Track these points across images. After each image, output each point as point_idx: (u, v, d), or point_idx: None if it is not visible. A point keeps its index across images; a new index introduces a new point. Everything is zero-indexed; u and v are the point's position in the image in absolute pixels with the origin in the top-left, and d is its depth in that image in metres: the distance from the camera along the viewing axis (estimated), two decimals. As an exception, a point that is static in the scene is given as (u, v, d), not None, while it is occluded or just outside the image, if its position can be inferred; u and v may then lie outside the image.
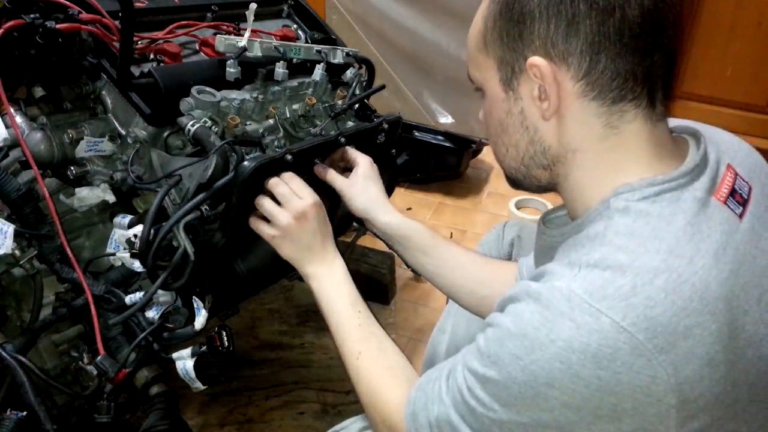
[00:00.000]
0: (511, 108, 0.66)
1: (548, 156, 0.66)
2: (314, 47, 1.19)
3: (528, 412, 0.57)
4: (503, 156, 0.71)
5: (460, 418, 0.63)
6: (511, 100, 0.66)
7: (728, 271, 0.58)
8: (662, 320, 0.53)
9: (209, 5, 1.20)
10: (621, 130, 0.62)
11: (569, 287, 0.56)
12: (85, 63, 0.99)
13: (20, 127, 0.97)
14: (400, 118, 1.18)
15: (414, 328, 1.76)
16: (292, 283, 1.84)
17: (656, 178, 0.61)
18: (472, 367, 0.62)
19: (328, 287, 0.87)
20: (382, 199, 0.99)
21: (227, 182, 0.88)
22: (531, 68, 0.62)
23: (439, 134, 2.63)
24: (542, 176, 0.69)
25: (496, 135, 0.70)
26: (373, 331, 0.84)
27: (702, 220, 0.59)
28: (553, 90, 0.62)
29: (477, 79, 0.70)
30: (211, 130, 0.94)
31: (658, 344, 0.53)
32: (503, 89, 0.66)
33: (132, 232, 0.92)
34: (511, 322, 0.58)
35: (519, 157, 0.69)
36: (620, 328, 0.53)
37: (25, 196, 0.93)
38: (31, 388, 0.87)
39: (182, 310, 0.98)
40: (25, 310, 1.03)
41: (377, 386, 0.78)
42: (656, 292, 0.54)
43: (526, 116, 0.65)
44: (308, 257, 0.89)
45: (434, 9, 2.73)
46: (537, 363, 0.55)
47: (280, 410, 1.45)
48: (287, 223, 0.87)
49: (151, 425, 0.98)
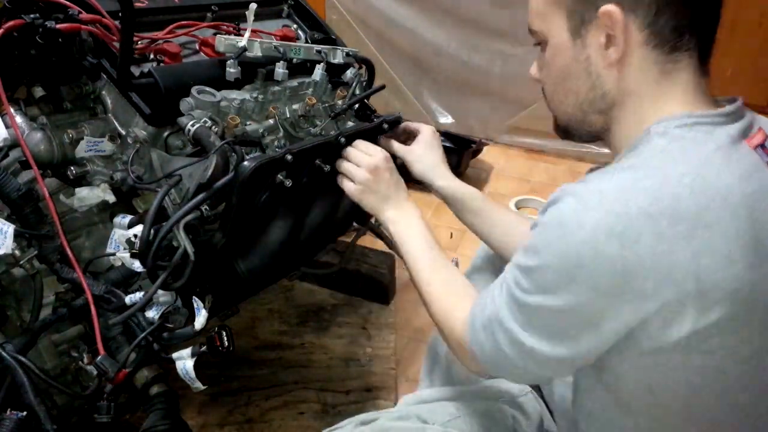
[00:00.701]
0: (578, 55, 0.72)
1: (606, 101, 0.72)
2: (314, 47, 1.19)
3: (563, 296, 0.63)
4: (560, 103, 0.77)
5: (508, 312, 0.69)
6: (578, 47, 0.72)
7: (752, 191, 0.62)
8: (685, 212, 0.59)
9: (209, 5, 1.20)
10: (673, 77, 0.69)
11: (604, 186, 0.62)
12: (85, 63, 0.99)
13: (20, 127, 0.97)
14: (400, 118, 1.18)
15: (414, 328, 1.76)
16: (292, 283, 1.85)
17: (695, 112, 0.68)
18: (518, 262, 0.69)
19: (405, 228, 0.98)
20: (440, 164, 1.11)
21: (227, 182, 0.88)
22: (603, 16, 0.68)
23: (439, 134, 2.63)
24: (596, 121, 0.75)
25: (557, 83, 0.77)
26: (444, 264, 0.93)
27: (732, 151, 0.64)
28: (621, 37, 0.68)
29: (541, 31, 0.76)
30: (211, 130, 0.94)
31: (680, 231, 0.58)
32: (571, 38, 0.72)
33: (132, 232, 0.92)
34: (549, 216, 0.65)
35: (578, 102, 0.75)
36: (646, 213, 0.58)
37: (25, 196, 0.93)
38: (31, 388, 0.87)
39: (182, 310, 0.98)
40: (25, 310, 1.03)
41: (448, 307, 0.86)
42: (682, 189, 0.60)
43: (591, 63, 0.71)
44: (386, 205, 1.01)
45: (434, 9, 2.73)
46: (568, 246, 0.61)
47: (280, 410, 1.44)
48: (365, 177, 0.99)
49: (151, 425, 0.98)
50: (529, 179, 2.66)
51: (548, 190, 2.53)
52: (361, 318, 1.76)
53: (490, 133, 2.89)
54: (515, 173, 2.70)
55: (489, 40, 2.69)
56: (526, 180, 2.65)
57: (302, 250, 1.09)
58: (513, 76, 2.70)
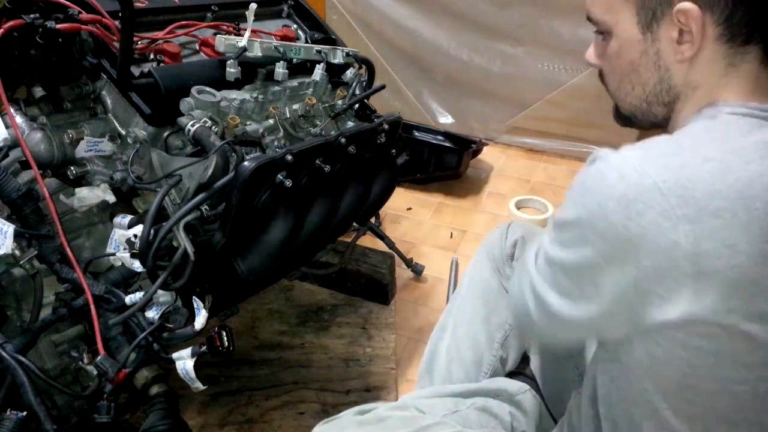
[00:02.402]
0: (648, 49, 0.73)
1: (672, 93, 0.74)
2: (314, 47, 1.19)
3: (577, 251, 0.66)
4: (626, 94, 0.78)
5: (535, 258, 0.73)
6: (648, 41, 0.72)
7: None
8: (698, 196, 0.59)
9: (209, 5, 1.20)
10: (739, 69, 0.70)
11: (631, 153, 0.63)
12: (85, 63, 0.99)
13: (20, 127, 0.97)
14: (400, 118, 1.18)
15: (414, 328, 1.76)
16: (292, 283, 1.84)
17: (751, 103, 0.68)
18: (555, 217, 0.71)
19: None
20: None
21: (227, 182, 0.88)
22: (678, 13, 0.68)
23: (439, 134, 2.63)
24: (660, 112, 0.76)
25: (624, 75, 0.77)
26: None
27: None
28: (698, 33, 0.68)
29: (606, 21, 0.76)
30: (211, 130, 0.94)
31: (687, 214, 0.59)
32: (641, 31, 0.72)
33: (132, 232, 0.92)
34: (579, 176, 0.66)
35: (644, 95, 0.76)
36: (658, 188, 0.59)
37: (25, 196, 0.93)
38: (31, 388, 0.87)
39: (182, 310, 0.98)
40: (25, 310, 1.03)
41: None
42: (702, 174, 0.60)
43: (661, 56, 0.72)
44: None
45: (434, 9, 2.72)
46: (585, 206, 0.64)
47: (280, 410, 1.44)
48: None
49: (151, 425, 0.98)
50: (529, 179, 2.66)
51: (548, 190, 2.53)
52: (361, 318, 1.75)
53: (490, 133, 2.89)
54: (515, 173, 2.70)
55: (489, 40, 2.69)
56: (526, 180, 2.65)
57: (302, 250, 1.09)
58: (513, 76, 2.70)
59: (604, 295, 0.65)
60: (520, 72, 2.68)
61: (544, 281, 0.72)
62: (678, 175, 0.60)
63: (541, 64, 2.62)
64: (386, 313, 1.78)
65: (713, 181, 0.60)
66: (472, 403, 0.92)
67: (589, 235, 0.64)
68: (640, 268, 0.61)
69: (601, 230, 0.63)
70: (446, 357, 1.20)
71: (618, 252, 0.62)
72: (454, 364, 1.19)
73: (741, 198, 0.60)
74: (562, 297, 0.70)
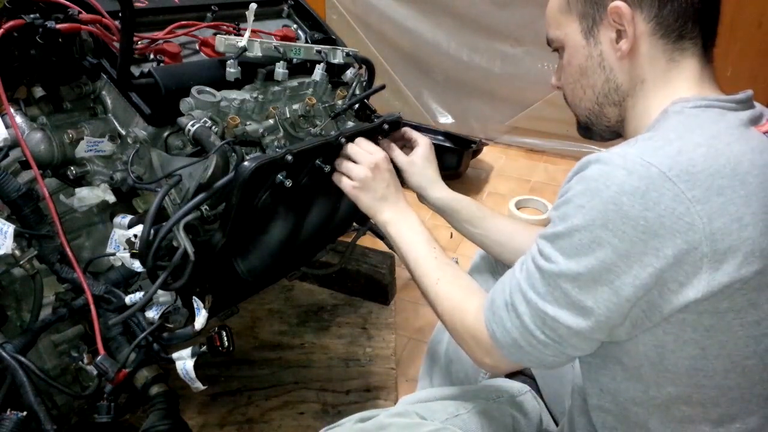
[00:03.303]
0: (592, 52, 0.79)
1: (620, 92, 0.79)
2: (314, 47, 1.19)
3: (585, 260, 0.66)
4: (580, 99, 0.84)
5: (529, 284, 0.71)
6: (591, 45, 0.79)
7: (763, 163, 0.66)
8: (701, 177, 0.63)
9: (209, 5, 1.20)
10: (680, 64, 0.76)
11: (625, 150, 0.66)
12: (85, 63, 0.99)
13: (20, 127, 0.97)
14: (400, 118, 1.18)
15: (414, 328, 1.76)
16: (292, 283, 1.85)
17: (709, 95, 0.73)
18: (544, 233, 0.71)
19: (404, 230, 0.98)
20: (436, 177, 1.14)
21: (227, 182, 0.88)
22: (612, 13, 0.75)
23: (439, 134, 2.63)
24: (612, 114, 0.81)
25: (575, 81, 0.83)
26: (447, 262, 0.93)
27: (743, 131, 0.69)
28: (630, 30, 0.75)
29: (558, 38, 0.83)
30: (211, 130, 0.94)
31: (696, 195, 0.62)
32: (584, 38, 0.80)
33: (132, 232, 0.92)
34: (576, 183, 0.68)
35: (594, 96, 0.81)
36: (666, 176, 0.62)
37: (25, 196, 0.93)
38: (31, 388, 0.87)
39: (182, 310, 0.98)
40: (25, 310, 1.03)
41: (457, 302, 0.86)
42: (697, 156, 0.64)
43: (604, 57, 0.79)
44: (384, 205, 1.01)
45: (434, 9, 2.73)
46: (595, 207, 0.64)
47: (280, 410, 1.44)
48: (364, 175, 1.00)
49: (151, 425, 0.98)
50: (528, 179, 2.66)
51: (548, 189, 2.53)
52: (361, 318, 1.76)
53: (490, 133, 2.89)
54: (515, 173, 2.70)
55: (489, 40, 2.69)
56: (526, 180, 2.65)
57: (302, 250, 1.09)
58: (513, 76, 2.70)
59: (621, 296, 0.65)
60: (520, 72, 2.68)
61: (546, 301, 0.69)
62: (679, 161, 0.63)
63: (541, 64, 2.62)
64: (386, 313, 1.78)
65: (710, 163, 0.63)
66: (473, 407, 0.92)
67: (603, 237, 0.64)
68: (660, 257, 0.63)
69: (618, 228, 0.63)
70: (446, 358, 1.21)
71: (638, 246, 0.63)
72: (454, 365, 1.19)
73: (736, 175, 0.64)
74: (572, 311, 0.68)
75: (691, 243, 0.62)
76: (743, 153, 0.65)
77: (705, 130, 0.67)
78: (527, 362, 0.75)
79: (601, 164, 0.66)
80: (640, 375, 0.72)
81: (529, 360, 0.74)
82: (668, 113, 0.72)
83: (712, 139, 0.66)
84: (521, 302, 0.72)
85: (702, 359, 0.68)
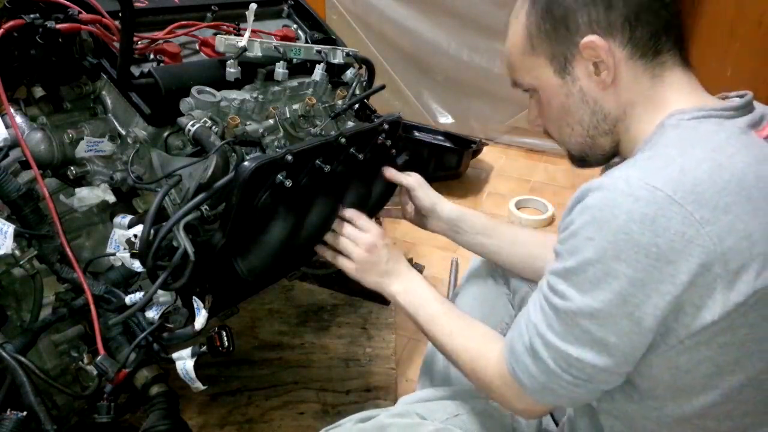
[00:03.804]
0: (571, 90, 0.77)
1: (609, 121, 0.77)
2: (314, 47, 1.19)
3: (601, 294, 0.64)
4: (569, 136, 0.82)
5: (547, 325, 0.69)
6: (569, 83, 0.77)
7: (766, 176, 0.64)
8: (706, 195, 0.61)
9: (209, 5, 1.20)
10: (664, 77, 0.74)
11: (627, 174, 0.64)
12: (85, 63, 0.99)
13: (20, 127, 0.97)
14: (400, 118, 1.18)
15: (414, 328, 1.75)
16: (292, 283, 1.85)
17: (705, 105, 0.71)
18: (553, 269, 0.69)
19: (412, 298, 0.97)
20: (440, 196, 1.18)
21: (227, 182, 0.88)
22: (585, 48, 0.73)
23: (439, 134, 2.63)
24: (606, 143, 0.79)
25: (560, 119, 0.81)
26: (459, 314, 0.92)
27: (743, 139, 0.68)
28: (609, 59, 0.73)
29: (527, 82, 0.81)
30: (211, 130, 0.94)
31: (704, 216, 0.61)
32: (559, 77, 0.77)
33: (132, 232, 0.92)
34: (579, 214, 0.65)
35: (584, 131, 0.79)
36: (672, 200, 0.61)
37: (25, 196, 0.93)
38: (31, 388, 0.87)
39: (182, 310, 0.98)
40: (25, 310, 1.03)
41: (476, 352, 0.84)
42: (701, 174, 0.62)
43: (585, 92, 0.76)
44: (389, 280, 1.00)
45: (434, 9, 2.73)
46: (604, 238, 0.62)
47: (280, 410, 1.45)
48: (364, 258, 1.00)
49: (152, 425, 0.98)
50: (528, 179, 2.66)
51: (548, 190, 2.53)
52: (361, 318, 1.76)
53: (490, 133, 2.89)
54: (515, 173, 2.71)
55: (489, 40, 2.69)
56: (526, 180, 2.65)
57: (302, 250, 1.09)
58: (513, 76, 2.70)
59: (643, 327, 0.64)
60: (520, 72, 2.68)
61: (567, 342, 0.67)
62: (683, 182, 0.61)
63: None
64: (386, 313, 1.78)
65: (714, 180, 0.62)
66: (472, 407, 0.92)
67: (617, 268, 0.62)
68: (677, 283, 0.61)
69: (631, 257, 0.61)
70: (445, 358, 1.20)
71: (653, 274, 0.61)
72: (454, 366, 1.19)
73: (741, 190, 0.62)
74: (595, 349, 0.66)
75: (704, 265, 0.61)
76: (748, 165, 0.64)
77: (705, 143, 0.66)
78: (561, 403, 0.74)
79: (603, 191, 0.64)
80: (655, 396, 0.71)
81: (563, 401, 0.73)
82: (665, 127, 0.70)
83: (713, 152, 0.64)
84: (541, 346, 0.70)
85: (717, 376, 0.67)
